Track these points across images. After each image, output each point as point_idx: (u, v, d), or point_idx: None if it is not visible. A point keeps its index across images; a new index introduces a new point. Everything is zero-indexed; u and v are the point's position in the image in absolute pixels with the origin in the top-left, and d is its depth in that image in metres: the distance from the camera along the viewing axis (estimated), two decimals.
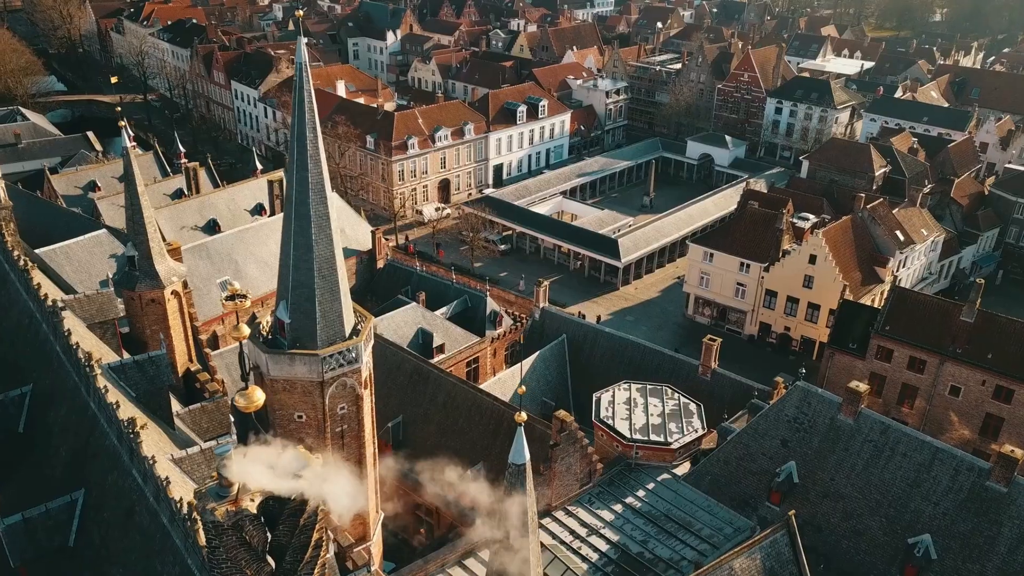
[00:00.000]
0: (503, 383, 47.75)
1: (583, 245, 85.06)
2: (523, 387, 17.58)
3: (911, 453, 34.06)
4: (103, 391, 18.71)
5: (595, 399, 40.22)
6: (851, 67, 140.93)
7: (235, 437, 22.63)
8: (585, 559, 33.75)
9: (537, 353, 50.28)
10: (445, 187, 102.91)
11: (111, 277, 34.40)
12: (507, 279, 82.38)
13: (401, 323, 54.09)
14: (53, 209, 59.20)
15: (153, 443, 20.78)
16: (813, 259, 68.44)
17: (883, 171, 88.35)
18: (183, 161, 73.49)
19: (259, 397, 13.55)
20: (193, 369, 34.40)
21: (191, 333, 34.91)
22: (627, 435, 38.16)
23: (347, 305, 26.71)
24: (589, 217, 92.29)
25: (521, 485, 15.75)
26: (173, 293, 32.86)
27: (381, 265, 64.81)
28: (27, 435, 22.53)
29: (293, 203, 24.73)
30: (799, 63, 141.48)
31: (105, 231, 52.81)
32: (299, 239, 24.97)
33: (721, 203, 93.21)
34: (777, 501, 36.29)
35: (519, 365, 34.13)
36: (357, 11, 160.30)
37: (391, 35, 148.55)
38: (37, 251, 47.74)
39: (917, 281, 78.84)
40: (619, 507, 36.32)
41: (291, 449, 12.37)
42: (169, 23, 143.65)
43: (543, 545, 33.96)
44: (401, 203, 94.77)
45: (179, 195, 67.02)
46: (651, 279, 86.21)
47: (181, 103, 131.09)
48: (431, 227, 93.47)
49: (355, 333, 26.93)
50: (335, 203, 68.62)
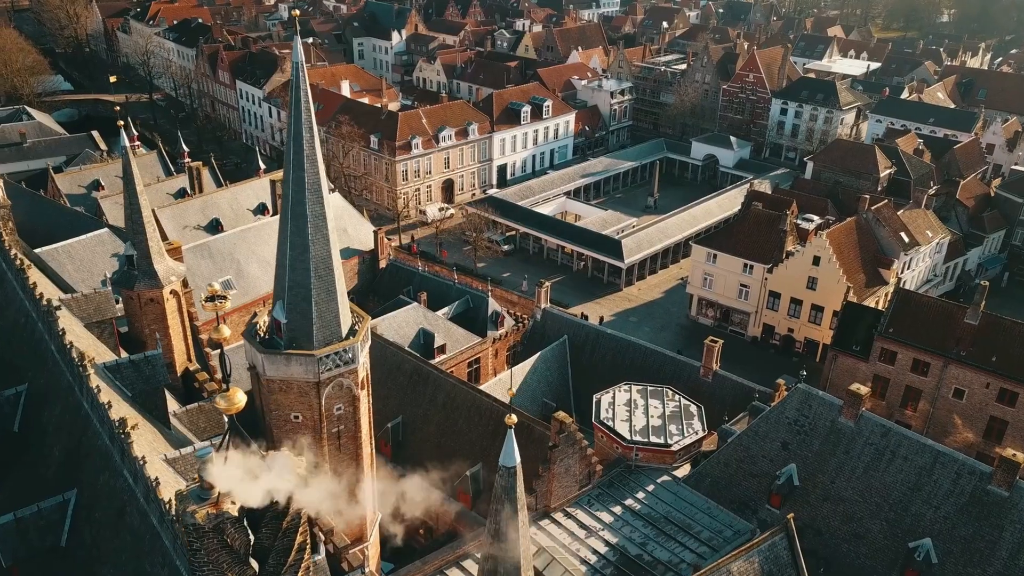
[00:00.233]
0: (503, 384, 47.54)
1: (586, 246, 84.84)
2: (513, 390, 17.44)
3: (912, 456, 33.84)
4: (95, 391, 18.66)
5: (595, 400, 40.09)
6: (857, 68, 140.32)
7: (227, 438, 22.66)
8: (584, 561, 33.62)
9: (538, 354, 50.12)
10: (449, 187, 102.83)
11: (108, 277, 34.38)
12: (510, 279, 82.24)
13: (402, 323, 54.02)
14: (56, 208, 59.32)
15: (147, 443, 20.73)
16: (817, 260, 68.15)
17: (888, 172, 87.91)
18: (186, 160, 73.60)
19: (240, 399, 13.48)
20: (192, 369, 34.36)
21: (190, 333, 34.87)
22: (627, 437, 38.04)
23: (344, 305, 26.62)
24: (592, 218, 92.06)
25: (512, 487, 15.67)
26: (172, 293, 32.81)
27: (383, 265, 64.76)
28: (22, 434, 22.53)
29: (289, 203, 24.67)
30: (805, 64, 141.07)
31: (107, 230, 52.88)
32: (295, 239, 24.92)
33: (725, 204, 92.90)
34: (777, 504, 36.10)
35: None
36: (362, 11, 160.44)
37: (396, 35, 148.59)
38: (39, 250, 47.82)
39: (922, 283, 78.42)
40: (618, 509, 36.18)
41: (274, 451, 12.29)
42: (175, 23, 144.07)
43: (541, 547, 33.88)
44: (405, 203, 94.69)
45: (182, 194, 67.06)
46: (654, 280, 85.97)
47: (186, 103, 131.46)
48: (434, 227, 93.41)
49: (352, 333, 26.85)
50: (337, 203, 69.19)
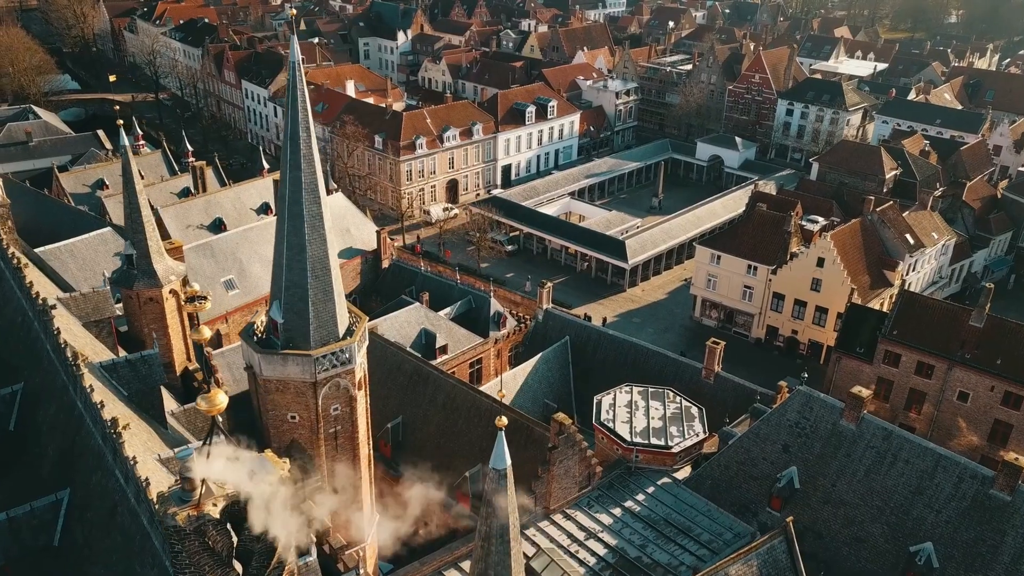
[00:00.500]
0: (504, 385, 47.45)
1: (590, 246, 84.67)
2: (503, 391, 17.33)
3: (914, 460, 33.58)
4: (89, 390, 18.64)
5: (596, 402, 39.93)
6: (864, 69, 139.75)
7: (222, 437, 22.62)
8: (582, 563, 33.47)
9: (539, 355, 49.99)
10: (453, 187, 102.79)
11: (106, 276, 34.41)
12: (514, 280, 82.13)
13: (404, 323, 53.96)
14: (60, 207, 59.51)
15: (141, 443, 20.71)
16: (821, 262, 67.84)
17: (894, 174, 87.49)
18: (190, 160, 73.76)
19: (221, 400, 13.42)
20: (191, 368, 34.33)
21: (190, 332, 34.83)
22: (627, 438, 37.89)
23: (341, 305, 26.58)
24: (597, 218, 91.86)
25: (503, 490, 15.56)
26: (171, 292, 32.78)
27: (386, 265, 64.72)
28: (18, 433, 22.53)
29: (286, 202, 24.64)
30: (811, 64, 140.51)
31: (110, 229, 52.99)
32: (292, 239, 24.88)
33: (730, 205, 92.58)
34: (778, 507, 35.90)
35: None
36: (368, 11, 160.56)
37: (402, 35, 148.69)
38: (42, 248, 47.98)
39: (927, 285, 78.00)
40: (618, 511, 36.02)
41: (256, 453, 12.23)
42: (181, 22, 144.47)
43: (540, 548, 33.76)
44: (409, 203, 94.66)
45: (186, 194, 67.25)
46: (658, 281, 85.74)
47: (192, 102, 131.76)
48: (438, 227, 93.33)
49: (349, 333, 26.79)
50: (340, 203, 69.11)
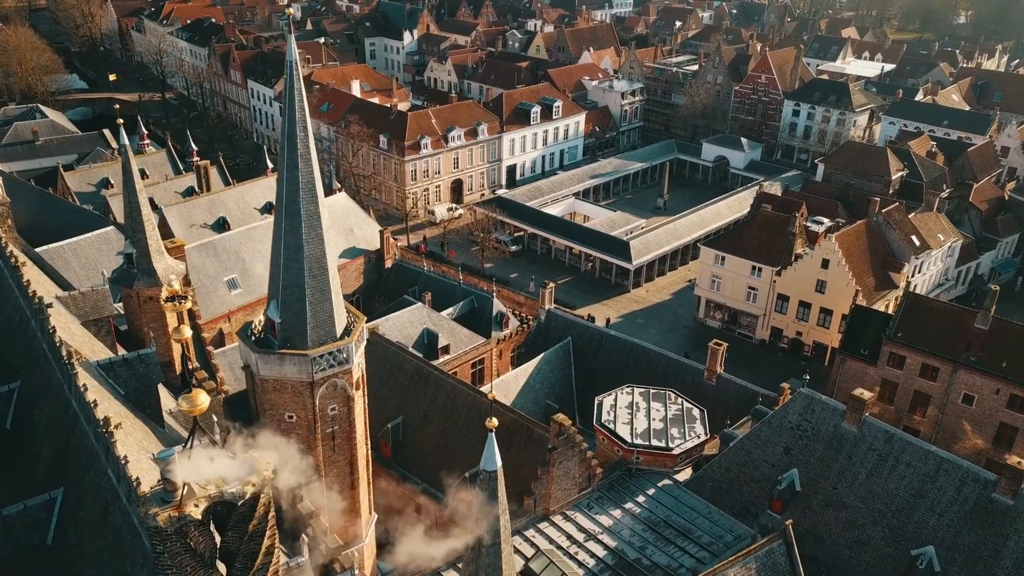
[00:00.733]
0: (506, 385, 47.43)
1: (594, 247, 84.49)
2: (493, 392, 17.26)
3: (916, 463, 33.36)
4: (82, 389, 18.63)
5: (597, 403, 39.84)
6: (871, 69, 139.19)
7: (219, 436, 22.57)
8: (582, 564, 33.37)
9: (541, 355, 49.93)
10: (458, 187, 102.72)
11: (105, 274, 34.46)
12: (517, 280, 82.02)
13: (406, 323, 53.92)
14: (64, 206, 59.71)
15: (136, 442, 20.71)
16: (826, 263, 67.52)
17: (900, 175, 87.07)
18: (195, 159, 73.92)
19: (203, 401, 13.38)
20: (191, 367, 34.31)
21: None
22: (628, 440, 37.79)
23: (339, 305, 26.53)
24: (601, 219, 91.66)
25: (493, 492, 15.48)
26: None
27: (389, 265, 64.71)
28: (14, 432, 22.56)
29: (283, 202, 24.61)
30: (818, 65, 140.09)
31: (114, 228, 53.08)
32: (289, 239, 24.85)
33: (735, 206, 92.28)
34: (779, 509, 35.70)
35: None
36: (375, 11, 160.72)
37: (408, 35, 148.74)
38: (45, 247, 48.08)
39: (933, 287, 77.59)
40: (618, 512, 35.92)
41: (240, 454, 12.20)
42: (188, 22, 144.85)
43: (539, 549, 33.68)
44: (413, 203, 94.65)
45: (190, 193, 67.37)
46: (663, 282, 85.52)
47: (198, 101, 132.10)
48: (442, 227, 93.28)
49: (347, 333, 26.75)
50: (343, 203, 69.08)
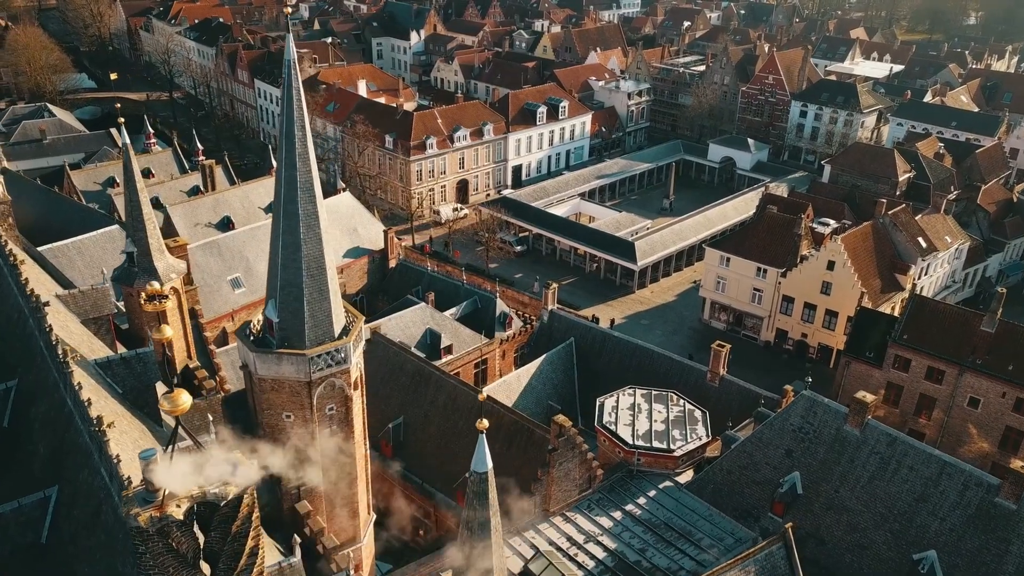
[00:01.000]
0: (508, 386, 47.38)
1: (599, 247, 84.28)
2: (484, 394, 17.17)
3: (918, 466, 33.12)
4: (77, 388, 18.64)
5: (598, 404, 39.72)
6: (880, 70, 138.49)
7: (215, 435, 22.57)
8: (581, 566, 33.25)
9: (544, 356, 49.83)
10: (463, 187, 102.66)
11: (105, 273, 34.53)
12: (522, 280, 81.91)
13: (409, 323, 53.91)
14: (70, 204, 59.87)
15: (131, 441, 20.69)
16: (831, 265, 67.17)
17: (907, 176, 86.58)
18: (200, 158, 74.08)
19: (185, 401, 13.32)
20: (192, 366, 34.39)
21: (190, 330, 34.92)
22: (629, 441, 37.65)
23: (337, 305, 26.47)
24: (606, 219, 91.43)
25: (484, 493, 15.39)
26: (172, 290, 32.84)
27: (393, 265, 64.70)
28: (11, 430, 22.59)
29: (281, 201, 24.57)
30: (826, 66, 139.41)
31: (118, 226, 53.17)
32: (287, 238, 24.81)
33: (741, 207, 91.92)
34: (780, 512, 35.51)
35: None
36: (382, 11, 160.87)
37: (415, 35, 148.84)
38: (49, 246, 48.28)
39: (940, 289, 77.10)
40: (618, 514, 35.79)
41: (224, 454, 12.13)
42: (196, 22, 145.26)
43: (539, 550, 33.57)
44: (418, 203, 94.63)
45: (195, 192, 67.49)
46: (668, 283, 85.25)
47: (205, 101, 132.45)
48: (447, 227, 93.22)
49: (345, 333, 26.70)
50: (348, 202, 69.06)
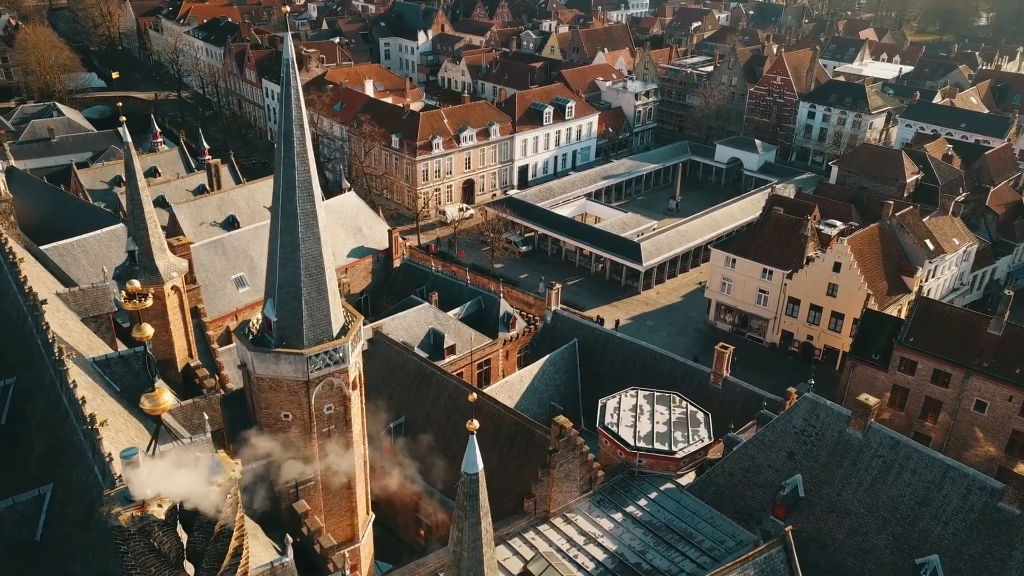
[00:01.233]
0: (510, 386, 47.27)
1: (605, 248, 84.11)
2: (474, 395, 17.10)
3: (921, 470, 32.86)
4: (72, 386, 18.65)
5: (600, 405, 39.56)
6: (889, 71, 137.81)
7: (209, 435, 22.57)
8: (581, 568, 33.14)
9: (546, 357, 49.70)
10: (469, 188, 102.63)
11: (105, 271, 34.62)
12: (527, 281, 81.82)
13: (413, 323, 53.89)
14: (76, 203, 60.16)
15: (127, 439, 20.71)
16: (838, 267, 66.82)
17: (915, 178, 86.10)
18: (206, 157, 74.31)
19: (166, 400, 13.28)
20: (193, 365, 34.44)
21: (192, 328, 34.97)
22: (631, 443, 37.48)
23: (335, 304, 26.44)
24: (612, 220, 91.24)
25: (474, 495, 15.30)
26: (173, 288, 32.89)
27: (397, 264, 64.72)
28: (9, 427, 22.65)
29: (280, 200, 24.56)
30: (835, 67, 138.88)
31: (123, 225, 53.32)
32: (286, 237, 24.80)
33: (748, 208, 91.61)
34: (782, 515, 35.30)
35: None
36: (390, 11, 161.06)
37: (423, 35, 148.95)
38: (53, 244, 48.49)
39: (948, 292, 76.61)
40: (619, 516, 35.65)
41: (209, 454, 12.10)
42: (204, 21, 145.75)
43: (538, 552, 33.47)
44: (424, 203, 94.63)
45: (201, 191, 67.70)
46: (673, 284, 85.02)
47: (213, 100, 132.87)
48: (453, 228, 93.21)
49: (344, 333, 26.67)
50: (352, 202, 69.06)
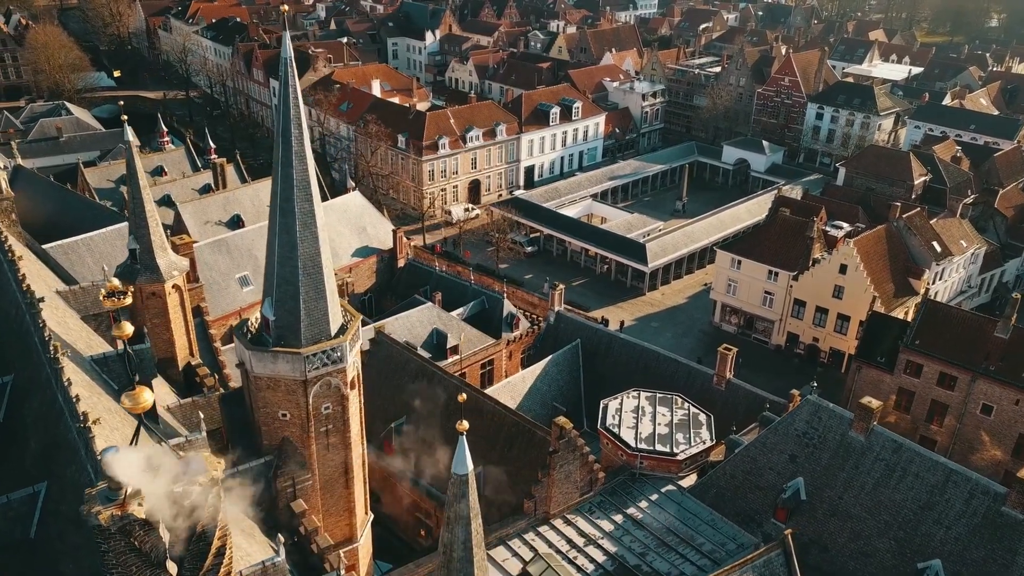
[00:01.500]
0: (513, 387, 47.20)
1: (610, 249, 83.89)
2: (463, 396, 17.00)
3: (924, 474, 32.61)
4: (67, 384, 18.67)
5: (602, 406, 39.45)
6: (898, 72, 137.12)
7: (205, 433, 22.55)
8: (580, 569, 33.02)
9: (549, 357, 49.60)
10: (475, 188, 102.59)
11: (106, 270, 34.70)
12: (532, 281, 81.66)
13: (416, 323, 53.87)
14: (82, 201, 60.38)
15: (122, 437, 20.71)
16: (844, 269, 66.45)
17: (923, 180, 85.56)
18: (212, 156, 74.51)
19: (147, 398, 13.25)
20: (194, 363, 34.52)
21: (193, 327, 35.03)
22: (632, 444, 37.35)
23: (334, 304, 26.41)
24: (618, 220, 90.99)
25: (464, 496, 15.20)
26: (174, 287, 32.98)
27: (401, 264, 64.71)
28: (7, 424, 22.71)
29: (278, 200, 24.55)
30: (844, 68, 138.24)
31: (127, 223, 53.50)
32: (284, 236, 24.79)
33: (754, 209, 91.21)
34: (783, 518, 35.09)
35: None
36: (398, 11, 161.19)
37: (430, 35, 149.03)
38: (57, 243, 48.69)
39: (955, 294, 76.09)
40: (620, 518, 35.51)
41: (191, 453, 12.06)
42: (213, 21, 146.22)
43: (538, 553, 33.37)
44: (430, 203, 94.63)
45: (207, 190, 67.84)
46: (679, 285, 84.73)
47: (221, 100, 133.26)
48: (459, 228, 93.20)
49: (342, 332, 26.63)
50: (357, 202, 69.00)
